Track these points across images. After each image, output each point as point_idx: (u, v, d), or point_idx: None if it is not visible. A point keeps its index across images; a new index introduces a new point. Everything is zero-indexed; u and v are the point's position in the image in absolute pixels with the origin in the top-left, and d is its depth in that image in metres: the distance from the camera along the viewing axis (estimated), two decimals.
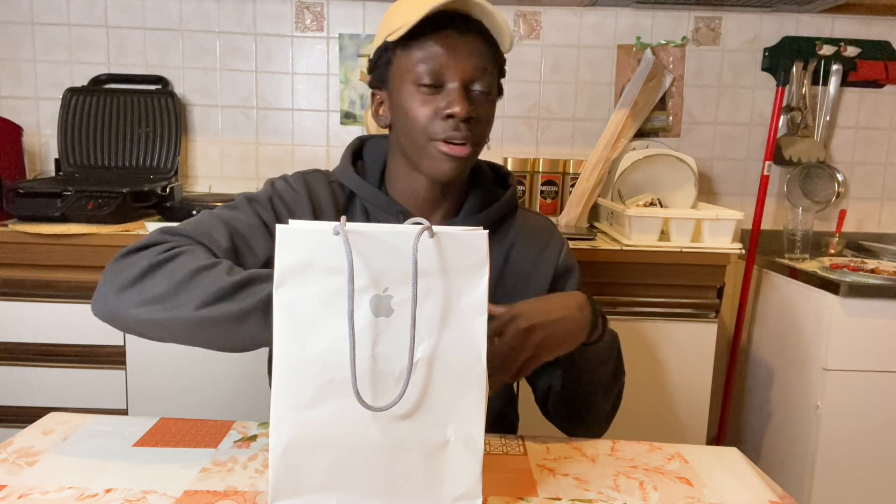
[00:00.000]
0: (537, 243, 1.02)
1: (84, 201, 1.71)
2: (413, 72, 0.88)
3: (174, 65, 2.15)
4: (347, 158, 1.02)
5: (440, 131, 0.88)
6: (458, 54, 0.87)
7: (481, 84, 0.89)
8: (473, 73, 0.88)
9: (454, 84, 0.87)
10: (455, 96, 0.87)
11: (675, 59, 2.16)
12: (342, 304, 0.64)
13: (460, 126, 0.88)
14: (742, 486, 0.79)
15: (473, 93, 0.89)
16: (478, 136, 0.91)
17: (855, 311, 1.68)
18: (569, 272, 1.04)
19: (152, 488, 0.72)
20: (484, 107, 0.90)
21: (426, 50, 0.88)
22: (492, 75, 0.90)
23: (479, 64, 0.88)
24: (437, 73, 0.87)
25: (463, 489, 0.68)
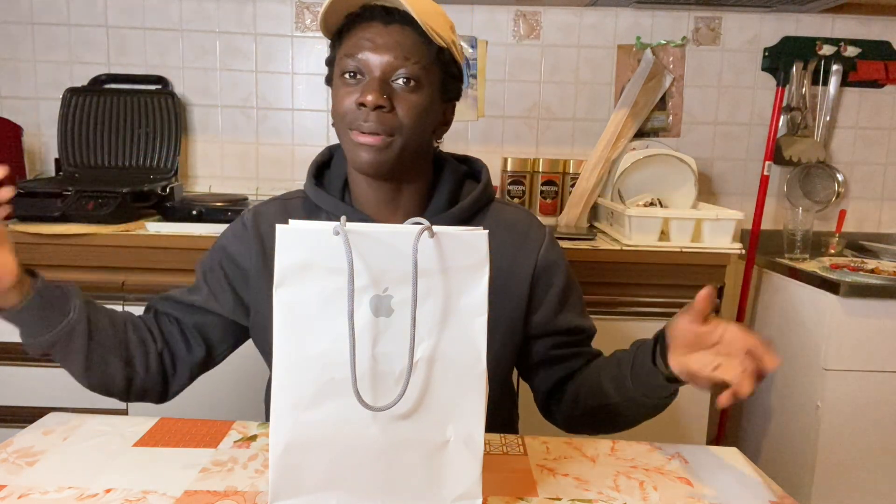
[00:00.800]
0: (514, 238, 0.98)
1: (84, 201, 1.71)
2: (340, 64, 0.91)
3: (174, 65, 2.14)
4: (311, 171, 1.03)
5: (354, 119, 0.89)
6: (379, 45, 0.88)
7: (403, 73, 0.88)
8: (392, 63, 0.88)
9: (372, 74, 0.88)
10: (369, 86, 0.87)
11: (675, 59, 2.16)
12: (342, 304, 0.64)
13: (370, 115, 0.87)
14: (742, 486, 0.79)
15: (395, 83, 0.89)
16: (393, 126, 0.88)
17: (855, 311, 1.68)
18: (552, 267, 1.00)
19: (152, 488, 0.72)
20: (406, 98, 0.89)
21: (350, 42, 0.90)
22: (416, 65, 0.88)
23: (399, 55, 0.88)
24: (358, 64, 0.88)
25: (463, 489, 0.68)
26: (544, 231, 1.01)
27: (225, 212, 1.78)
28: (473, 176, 1.05)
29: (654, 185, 1.98)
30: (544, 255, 0.99)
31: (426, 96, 0.90)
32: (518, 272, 0.97)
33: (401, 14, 0.88)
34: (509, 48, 2.16)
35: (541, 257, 0.99)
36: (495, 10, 2.14)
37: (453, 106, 0.99)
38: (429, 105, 0.91)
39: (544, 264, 0.99)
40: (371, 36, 0.88)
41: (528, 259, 0.98)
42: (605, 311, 1.74)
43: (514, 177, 2.11)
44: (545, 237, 1.01)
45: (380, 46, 0.88)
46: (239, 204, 1.85)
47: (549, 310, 0.99)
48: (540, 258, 0.98)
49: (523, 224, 1.01)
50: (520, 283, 0.97)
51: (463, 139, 2.19)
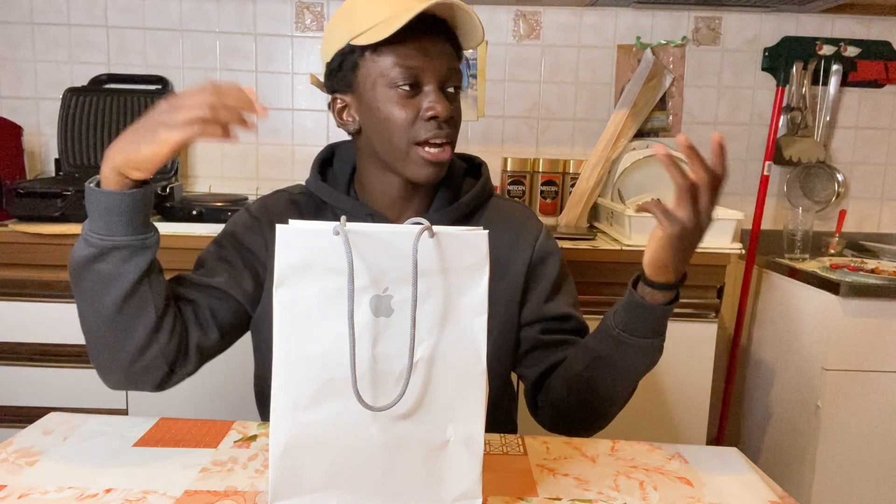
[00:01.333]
0: (512, 230, 1.00)
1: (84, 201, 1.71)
2: (388, 76, 0.88)
3: (174, 65, 2.15)
4: (315, 167, 1.03)
5: (422, 133, 0.88)
6: (432, 56, 0.88)
7: (454, 83, 0.90)
8: (448, 74, 0.89)
9: (431, 85, 0.88)
10: (435, 97, 0.88)
11: (675, 59, 2.16)
12: (342, 303, 0.64)
13: (443, 126, 0.88)
14: (742, 486, 0.79)
15: (448, 93, 0.90)
16: (453, 135, 0.91)
17: (855, 311, 1.68)
18: (547, 258, 1.01)
19: (152, 488, 0.72)
20: (458, 105, 0.93)
21: (400, 53, 0.87)
22: (460, 73, 0.92)
23: (452, 64, 0.90)
24: (415, 76, 0.88)
25: (463, 489, 0.68)
26: (541, 225, 1.04)
27: (225, 212, 1.78)
28: (472, 173, 1.06)
29: (654, 185, 1.98)
30: (540, 246, 1.01)
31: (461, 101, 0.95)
32: (515, 263, 0.99)
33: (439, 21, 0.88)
34: (509, 48, 2.16)
35: (537, 248, 1.00)
36: (495, 10, 2.14)
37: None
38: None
39: (540, 255, 1.00)
40: (424, 46, 0.88)
41: (525, 250, 1.00)
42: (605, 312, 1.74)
43: (514, 177, 2.11)
44: (541, 230, 1.03)
45: (434, 55, 0.88)
46: (239, 204, 1.85)
47: (540, 296, 1.00)
48: (536, 249, 1.00)
49: (521, 217, 1.03)
50: (516, 274, 0.99)
51: (463, 139, 2.19)
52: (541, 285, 1.00)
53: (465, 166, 1.06)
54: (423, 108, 0.88)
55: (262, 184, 2.19)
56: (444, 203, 0.99)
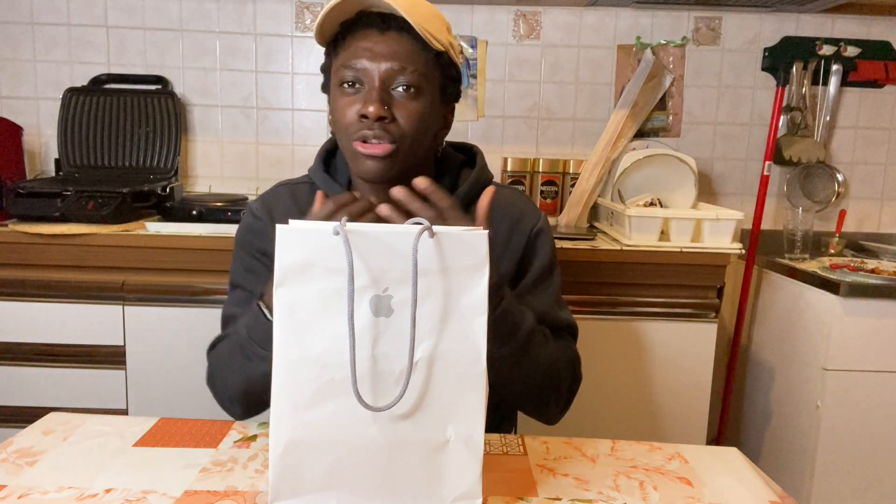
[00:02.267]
0: (510, 215, 1.01)
1: (84, 201, 1.71)
2: (338, 73, 0.90)
3: (174, 65, 2.14)
4: (320, 158, 1.04)
5: (356, 130, 0.89)
6: (377, 54, 0.88)
7: (403, 80, 0.88)
8: (391, 72, 0.88)
9: (371, 83, 0.88)
10: (369, 96, 0.88)
11: (675, 59, 2.16)
12: (342, 304, 0.64)
13: (373, 125, 0.88)
14: (742, 486, 0.79)
15: (395, 91, 0.89)
16: (396, 134, 0.89)
17: (855, 311, 1.68)
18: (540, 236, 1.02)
19: (152, 488, 0.72)
20: (407, 105, 0.89)
21: (348, 51, 0.89)
22: (415, 73, 0.88)
23: (398, 64, 0.88)
24: (357, 74, 0.88)
25: (463, 489, 0.68)
26: (539, 214, 1.04)
27: (225, 212, 1.78)
28: (471, 164, 1.06)
29: (654, 185, 1.98)
30: (537, 230, 1.02)
31: (426, 102, 0.91)
32: (513, 244, 1.00)
33: (397, 20, 0.87)
34: (509, 48, 2.16)
35: (533, 232, 1.02)
36: (495, 10, 2.14)
37: (453, 108, 1.00)
38: (429, 110, 0.92)
39: (534, 235, 1.02)
40: (369, 44, 0.88)
41: (522, 235, 1.01)
42: (605, 311, 1.74)
43: (514, 177, 2.11)
44: (539, 219, 1.03)
45: (378, 55, 0.87)
46: (239, 204, 1.85)
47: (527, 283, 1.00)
48: (532, 233, 1.01)
49: (519, 206, 1.03)
50: (512, 257, 1.00)
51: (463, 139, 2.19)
52: (532, 268, 1.01)
53: (462, 157, 1.06)
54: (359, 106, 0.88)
55: (262, 184, 2.19)
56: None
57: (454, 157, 1.05)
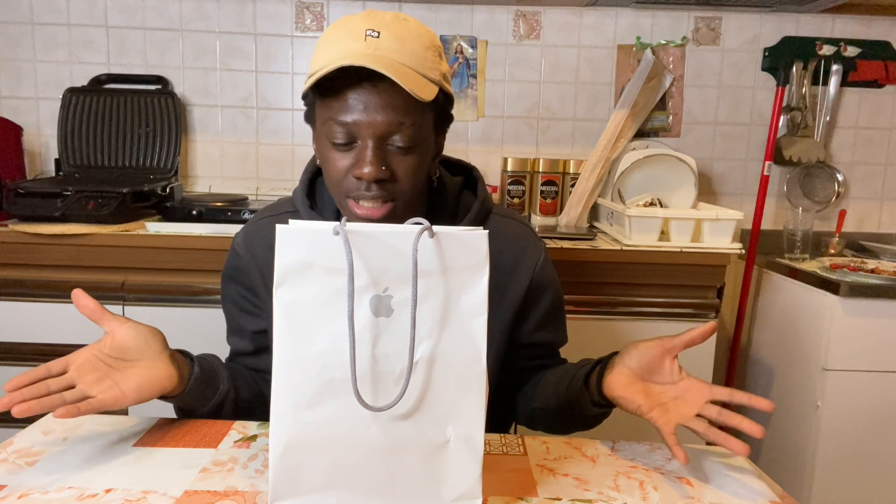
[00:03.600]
0: (512, 251, 0.99)
1: (84, 201, 1.71)
2: (326, 126, 0.85)
3: (174, 65, 2.15)
4: (303, 185, 0.99)
5: (352, 189, 0.85)
6: (370, 110, 0.81)
7: (399, 139, 0.83)
8: (387, 130, 0.82)
9: (366, 142, 0.83)
10: (364, 156, 0.83)
11: (675, 59, 2.16)
12: (342, 304, 0.64)
13: (371, 187, 0.84)
14: (742, 486, 0.79)
15: (389, 148, 0.84)
16: (395, 192, 0.86)
17: (855, 311, 1.68)
18: (543, 287, 1.01)
19: (152, 488, 0.72)
20: (403, 161, 0.85)
21: (338, 105, 0.82)
22: (412, 127, 0.83)
23: (394, 119, 0.82)
24: (349, 131, 0.83)
25: (463, 489, 0.68)
26: (540, 248, 1.03)
27: (225, 212, 1.78)
28: (469, 186, 1.03)
29: (654, 185, 1.98)
30: (539, 272, 1.01)
31: (422, 151, 0.87)
32: (515, 284, 0.99)
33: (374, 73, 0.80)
34: (509, 48, 2.16)
35: (535, 274, 1.00)
36: (495, 10, 2.14)
37: (445, 133, 0.96)
38: (425, 157, 0.88)
39: (538, 282, 1.01)
40: (362, 99, 0.82)
41: (525, 274, 1.00)
42: (605, 311, 1.74)
43: (514, 177, 2.11)
44: (541, 255, 1.02)
45: (371, 111, 0.81)
46: (239, 204, 1.85)
47: (532, 324, 1.03)
48: (535, 275, 1.00)
49: (522, 239, 1.01)
50: (515, 295, 1.00)
51: (463, 139, 2.19)
52: (534, 313, 1.02)
53: (460, 181, 1.02)
54: (352, 164, 0.84)
55: (262, 184, 2.19)
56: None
57: (452, 183, 1.01)
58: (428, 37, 0.87)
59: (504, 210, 1.06)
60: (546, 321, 1.03)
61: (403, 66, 0.81)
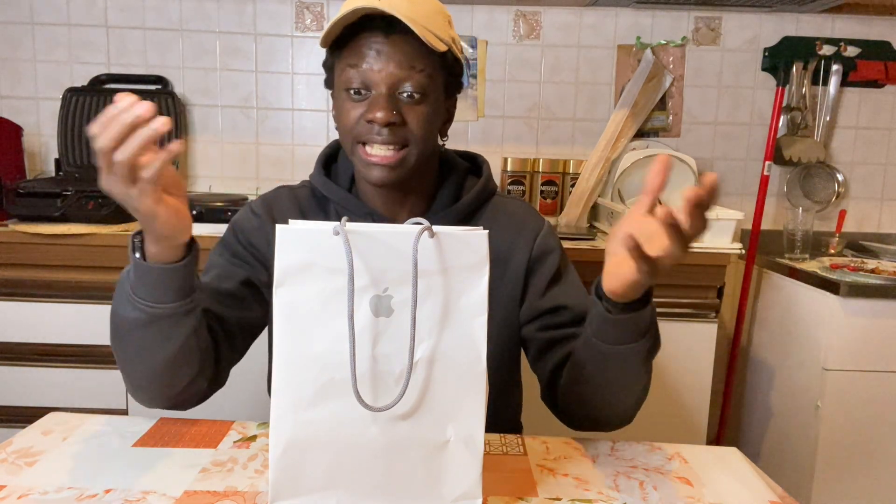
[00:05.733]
0: (512, 227, 1.00)
1: (84, 201, 1.71)
2: (342, 77, 0.89)
3: (174, 65, 2.15)
4: (320, 162, 1.03)
5: (364, 133, 0.88)
6: (382, 57, 0.86)
7: (410, 86, 0.87)
8: (399, 76, 0.87)
9: (378, 89, 0.87)
10: (377, 101, 0.87)
11: (675, 59, 2.16)
12: (342, 304, 0.64)
13: (382, 131, 0.87)
14: (742, 486, 0.79)
15: (401, 96, 0.88)
16: (406, 138, 0.89)
17: (855, 311, 1.68)
18: (545, 254, 1.00)
19: (152, 488, 0.72)
20: (415, 109, 0.89)
21: (352, 54, 0.88)
22: (424, 74, 0.88)
23: (406, 65, 0.87)
24: (363, 78, 0.87)
25: (463, 489, 0.68)
26: (542, 222, 1.03)
27: (225, 212, 1.78)
28: (476, 172, 1.06)
29: None
30: (540, 242, 1.00)
31: (433, 103, 0.90)
32: (514, 261, 0.99)
33: (401, 23, 0.85)
34: (509, 48, 2.16)
35: (536, 245, 1.00)
36: (495, 10, 2.14)
37: (455, 99, 0.99)
38: (435, 110, 0.92)
39: (539, 252, 0.99)
40: (374, 47, 0.86)
41: (525, 247, 0.99)
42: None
43: (514, 177, 2.11)
44: (542, 227, 1.02)
45: (383, 59, 0.86)
46: (239, 204, 1.85)
47: (535, 292, 0.98)
48: (536, 246, 1.00)
49: (522, 215, 1.02)
50: (516, 272, 0.98)
51: (463, 139, 2.19)
52: (537, 282, 0.99)
53: (467, 165, 1.06)
54: (365, 111, 0.88)
55: (262, 184, 2.19)
56: (445, 204, 0.99)
57: (459, 164, 1.04)
58: (437, 4, 0.91)
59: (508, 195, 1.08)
60: (552, 283, 0.99)
61: (413, 20, 0.84)
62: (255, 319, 0.96)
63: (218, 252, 1.00)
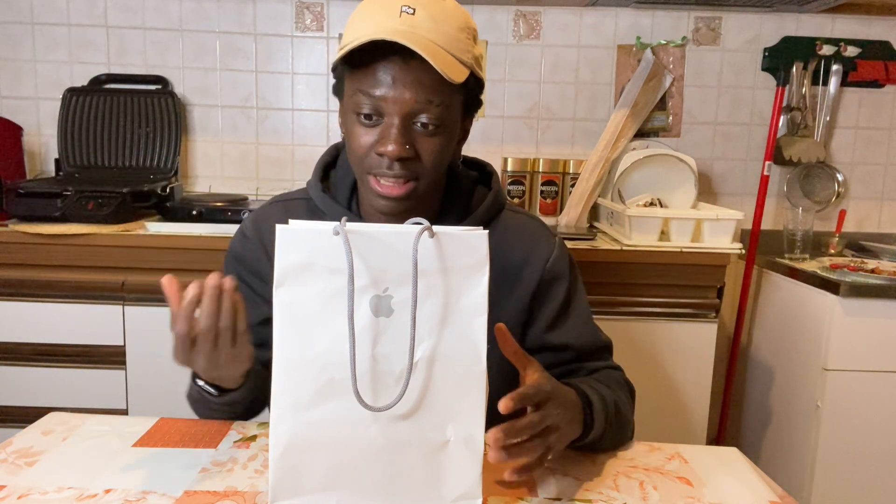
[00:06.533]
0: (524, 247, 0.96)
1: (84, 201, 1.71)
2: (354, 99, 0.84)
3: (174, 65, 2.15)
4: (318, 173, 0.99)
5: (374, 166, 0.84)
6: (398, 85, 0.80)
7: (425, 118, 0.82)
8: (414, 107, 0.81)
9: (391, 119, 0.82)
10: (389, 133, 0.82)
11: (675, 59, 2.16)
12: (342, 304, 0.64)
13: (393, 165, 0.83)
14: (742, 486, 0.78)
15: (415, 127, 0.83)
16: (418, 172, 0.85)
17: (855, 311, 1.68)
18: (555, 279, 0.97)
19: (152, 488, 0.72)
20: (429, 141, 0.84)
21: (367, 78, 0.82)
22: (440, 107, 0.82)
23: (423, 97, 0.81)
24: (376, 105, 0.82)
25: (463, 489, 0.68)
26: (554, 242, 0.99)
27: (225, 212, 1.78)
28: (484, 181, 1.02)
29: (654, 185, 1.98)
30: (551, 267, 0.96)
31: (448, 134, 0.86)
32: (526, 279, 0.95)
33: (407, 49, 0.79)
34: (509, 48, 2.16)
35: (547, 269, 0.96)
36: (495, 10, 2.14)
37: (472, 117, 0.95)
38: (450, 140, 0.88)
39: (550, 277, 0.96)
40: (391, 74, 0.81)
41: (536, 268, 0.96)
42: (605, 311, 1.74)
43: (514, 177, 2.11)
44: (555, 249, 0.98)
45: (399, 87, 0.81)
46: (239, 204, 1.85)
47: (542, 324, 0.96)
48: (546, 270, 0.96)
49: (534, 233, 0.98)
50: (524, 292, 0.95)
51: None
52: (546, 312, 0.96)
53: (475, 175, 1.02)
54: (376, 141, 0.83)
55: (262, 184, 2.19)
56: (453, 221, 0.95)
57: (466, 175, 1.00)
58: (463, 18, 0.85)
59: (518, 208, 1.04)
60: (560, 316, 0.97)
61: (436, 45, 0.80)
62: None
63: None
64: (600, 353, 0.99)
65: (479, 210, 0.96)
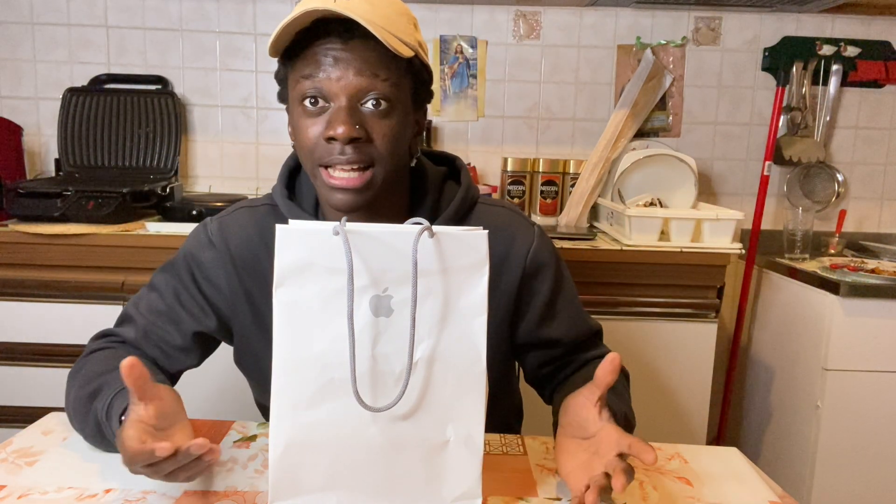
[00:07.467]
0: (501, 240, 0.90)
1: (84, 201, 1.71)
2: (297, 89, 0.80)
3: (174, 65, 2.15)
4: (283, 179, 0.95)
5: (324, 155, 0.79)
6: (341, 65, 0.76)
7: (375, 95, 0.78)
8: (360, 84, 0.77)
9: (338, 101, 0.77)
10: (337, 116, 0.77)
11: (675, 59, 2.16)
12: (342, 304, 0.64)
13: (345, 149, 0.77)
14: (742, 486, 0.79)
15: (364, 107, 0.79)
16: (371, 157, 0.79)
17: (855, 311, 1.68)
18: (540, 269, 0.92)
19: (152, 488, 0.72)
20: (381, 123, 0.79)
21: (307, 64, 0.78)
22: (389, 82, 0.78)
23: (368, 71, 0.77)
24: (320, 88, 0.78)
25: (463, 489, 0.68)
26: (532, 232, 0.93)
27: None
28: (453, 176, 0.97)
29: (654, 185, 1.98)
30: (532, 259, 0.92)
31: (400, 116, 0.81)
32: (506, 275, 0.91)
33: (360, 26, 0.75)
34: (509, 48, 2.16)
35: (529, 260, 0.91)
36: (495, 10, 2.14)
37: (425, 111, 0.91)
38: (403, 123, 0.82)
39: (533, 268, 0.92)
40: (331, 54, 0.77)
41: (517, 262, 0.91)
42: (605, 311, 1.74)
43: (514, 177, 2.11)
44: (533, 240, 0.92)
45: (342, 67, 0.76)
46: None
47: (532, 320, 0.94)
48: (528, 261, 0.91)
49: (510, 226, 0.92)
50: (508, 286, 0.91)
51: (463, 139, 2.19)
52: (532, 307, 0.93)
53: (444, 171, 0.96)
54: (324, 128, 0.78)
55: (261, 184, 2.19)
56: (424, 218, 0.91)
57: (435, 172, 0.94)
58: (401, 5, 0.82)
59: (490, 199, 0.98)
60: (546, 314, 0.93)
61: (375, 23, 0.75)
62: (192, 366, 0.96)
63: (164, 279, 0.94)
64: (591, 341, 0.98)
65: (450, 208, 0.90)
